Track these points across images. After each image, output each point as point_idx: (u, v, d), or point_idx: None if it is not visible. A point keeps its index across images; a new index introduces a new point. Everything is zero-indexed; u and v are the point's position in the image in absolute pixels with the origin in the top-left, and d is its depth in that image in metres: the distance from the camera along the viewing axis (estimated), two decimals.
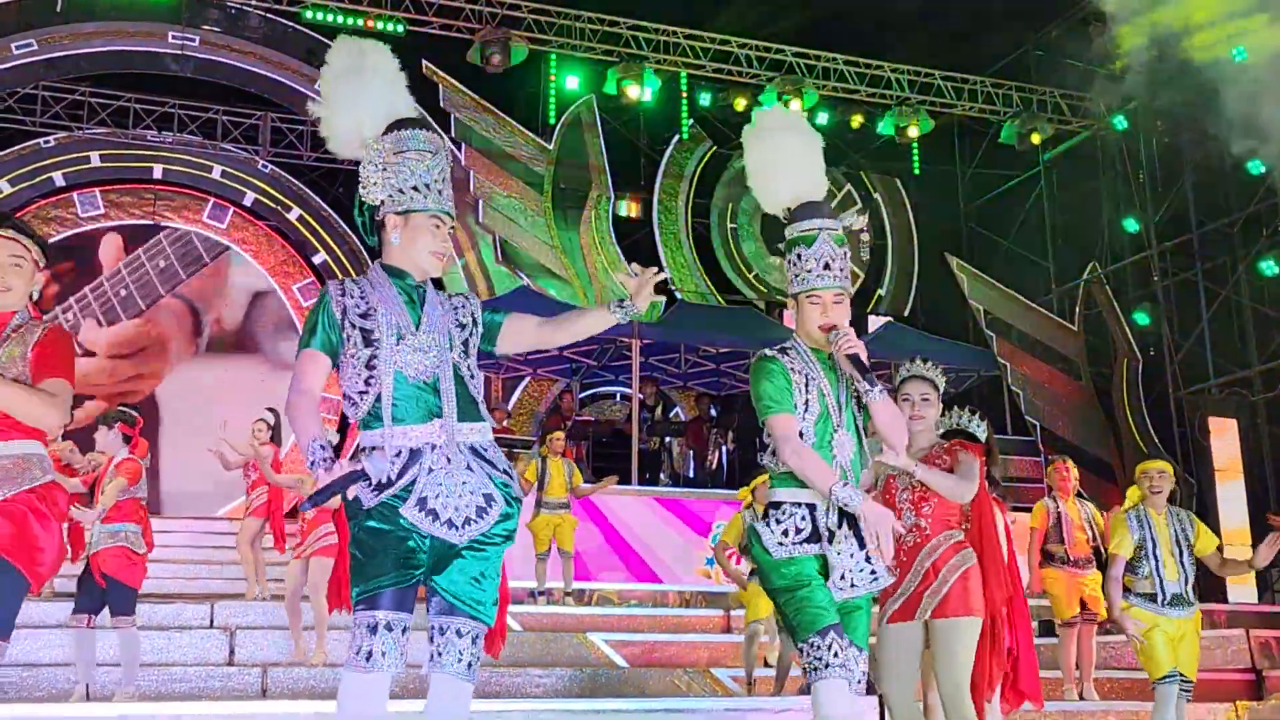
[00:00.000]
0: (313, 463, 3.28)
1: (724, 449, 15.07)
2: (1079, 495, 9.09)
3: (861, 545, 3.88)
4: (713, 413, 15.80)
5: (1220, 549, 6.65)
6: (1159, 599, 6.34)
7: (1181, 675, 6.34)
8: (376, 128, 3.65)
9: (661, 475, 15.02)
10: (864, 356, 3.89)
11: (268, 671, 7.81)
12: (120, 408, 7.87)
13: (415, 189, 3.58)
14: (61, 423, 3.69)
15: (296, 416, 3.42)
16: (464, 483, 3.44)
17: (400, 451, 3.41)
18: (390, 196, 3.59)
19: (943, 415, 5.57)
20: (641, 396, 14.48)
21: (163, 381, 16.95)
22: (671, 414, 16.87)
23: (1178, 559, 6.40)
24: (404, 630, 3.36)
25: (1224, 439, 15.42)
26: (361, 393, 3.47)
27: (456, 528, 3.40)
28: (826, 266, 4.00)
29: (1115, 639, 10.09)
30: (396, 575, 3.36)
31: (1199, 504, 15.66)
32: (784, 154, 4.15)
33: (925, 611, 4.80)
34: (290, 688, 7.70)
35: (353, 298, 3.54)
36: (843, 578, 3.86)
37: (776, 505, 3.97)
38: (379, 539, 3.38)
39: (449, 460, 3.43)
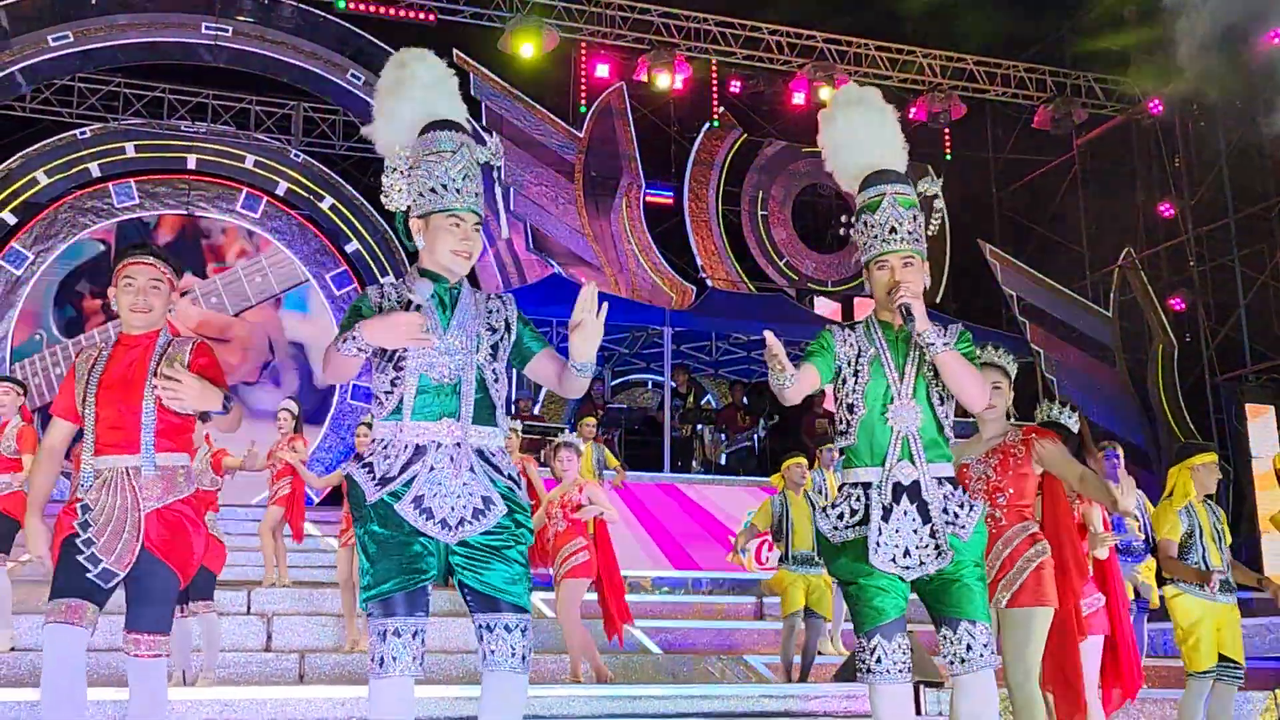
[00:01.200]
0: (355, 337, 3.38)
1: (756, 436, 15.07)
2: None
3: (926, 520, 3.79)
4: (744, 400, 15.80)
5: (1232, 548, 6.71)
6: (1209, 586, 6.34)
7: (1233, 661, 6.40)
8: (412, 135, 3.68)
9: (694, 463, 15.04)
10: (917, 309, 3.78)
11: (305, 657, 7.87)
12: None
13: (433, 190, 3.58)
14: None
15: (329, 361, 3.51)
16: (464, 484, 3.45)
17: (407, 446, 3.47)
18: (414, 201, 3.62)
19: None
20: (674, 384, 14.48)
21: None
22: (704, 401, 16.88)
23: (1218, 545, 6.47)
24: (414, 634, 3.41)
25: (1261, 425, 15.30)
26: (387, 392, 3.52)
27: (450, 528, 3.41)
28: (893, 230, 3.89)
29: (1163, 626, 9.99)
30: (402, 580, 3.41)
31: (1235, 490, 15.55)
32: (858, 130, 4.09)
33: (1000, 602, 4.81)
34: (328, 673, 7.77)
35: (389, 300, 3.60)
36: (907, 554, 3.76)
37: (841, 488, 3.97)
38: (383, 544, 3.44)
39: (451, 460, 3.45)
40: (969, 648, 3.74)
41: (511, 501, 3.51)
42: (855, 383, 3.89)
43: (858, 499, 3.86)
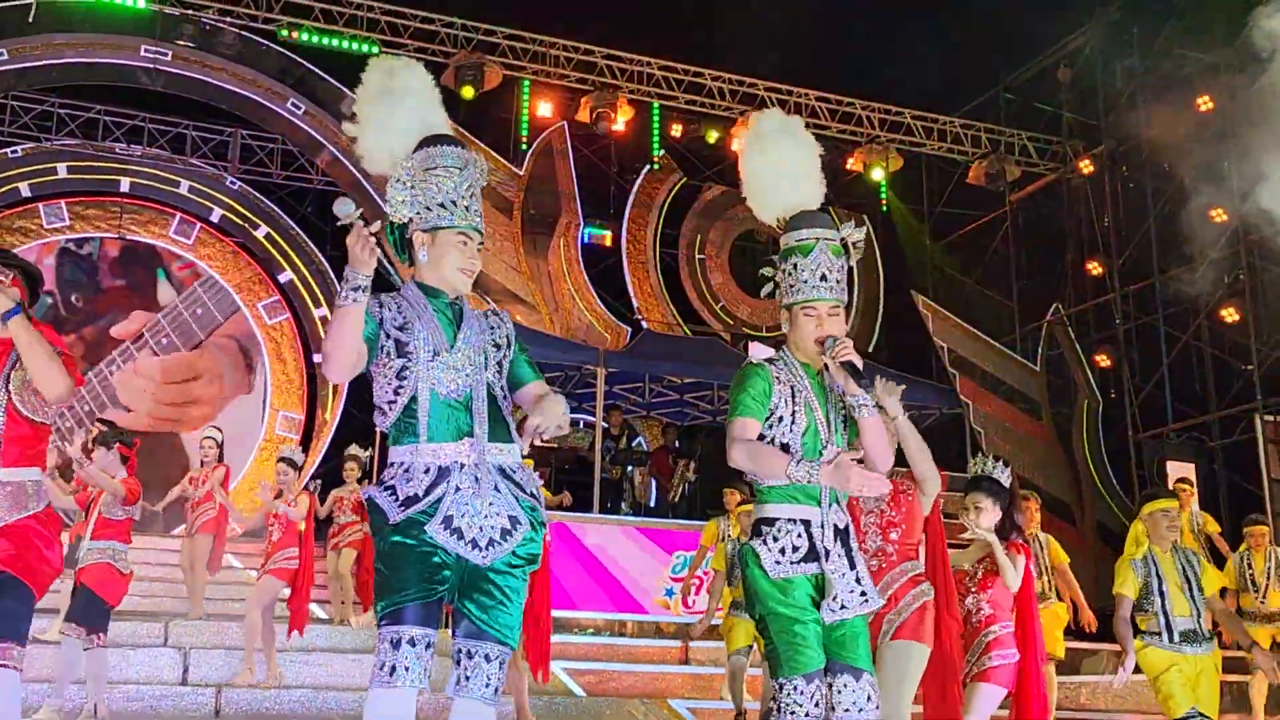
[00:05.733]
0: (347, 279, 3.33)
1: (687, 481, 15.06)
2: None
3: (852, 565, 3.74)
4: (676, 443, 15.80)
5: (1224, 593, 6.44)
6: (1167, 636, 6.11)
7: (1203, 714, 6.04)
8: (408, 146, 3.65)
9: (623, 505, 14.99)
10: (859, 364, 3.74)
11: (221, 692, 7.73)
12: (116, 429, 7.84)
13: (442, 205, 3.56)
14: (69, 392, 3.70)
15: (329, 333, 3.42)
16: (490, 504, 3.41)
17: (429, 468, 3.41)
18: (418, 214, 3.58)
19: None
20: (607, 425, 14.46)
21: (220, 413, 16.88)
22: (635, 443, 16.86)
23: (1188, 595, 6.19)
24: (428, 646, 3.31)
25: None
26: (390, 402, 3.48)
27: (480, 548, 3.37)
28: (823, 278, 3.84)
29: (1070, 679, 10.10)
30: (421, 589, 3.32)
31: None
32: (782, 161, 4.02)
33: (885, 636, 4.84)
34: (244, 709, 7.62)
35: (390, 310, 3.54)
36: (834, 599, 3.67)
37: (770, 522, 3.77)
38: (404, 553, 3.36)
39: (477, 480, 3.41)
40: (869, 698, 3.66)
41: (534, 519, 3.49)
42: (792, 424, 3.79)
43: (800, 535, 3.71)
